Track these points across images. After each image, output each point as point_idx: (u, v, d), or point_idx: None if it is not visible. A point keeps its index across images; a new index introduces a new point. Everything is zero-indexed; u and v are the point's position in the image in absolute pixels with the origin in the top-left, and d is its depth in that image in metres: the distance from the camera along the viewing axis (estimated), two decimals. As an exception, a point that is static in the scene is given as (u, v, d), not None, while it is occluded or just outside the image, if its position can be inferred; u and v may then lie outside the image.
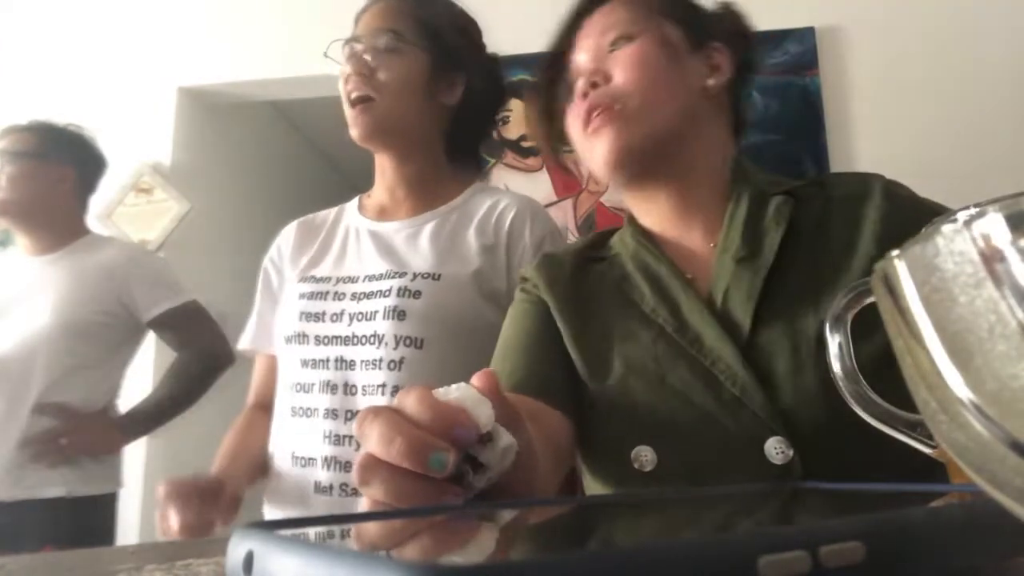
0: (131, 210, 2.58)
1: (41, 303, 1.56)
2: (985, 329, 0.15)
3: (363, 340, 0.94)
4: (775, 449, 0.60)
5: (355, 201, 1.12)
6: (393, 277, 0.96)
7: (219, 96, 2.75)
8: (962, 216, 0.16)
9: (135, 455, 2.37)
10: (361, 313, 0.95)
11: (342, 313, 0.96)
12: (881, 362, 0.41)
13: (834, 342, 0.41)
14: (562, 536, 0.30)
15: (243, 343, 1.13)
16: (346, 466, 0.91)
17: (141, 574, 0.35)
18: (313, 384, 0.95)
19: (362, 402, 0.92)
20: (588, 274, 0.76)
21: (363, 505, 0.34)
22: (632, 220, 0.79)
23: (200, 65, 2.66)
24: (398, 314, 0.93)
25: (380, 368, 0.92)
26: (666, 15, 0.76)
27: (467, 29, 1.07)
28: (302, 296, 1.00)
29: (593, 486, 0.72)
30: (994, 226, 0.15)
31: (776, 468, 0.59)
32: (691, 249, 0.74)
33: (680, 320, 0.67)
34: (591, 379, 0.69)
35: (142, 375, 2.40)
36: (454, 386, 0.36)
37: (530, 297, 0.77)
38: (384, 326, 0.93)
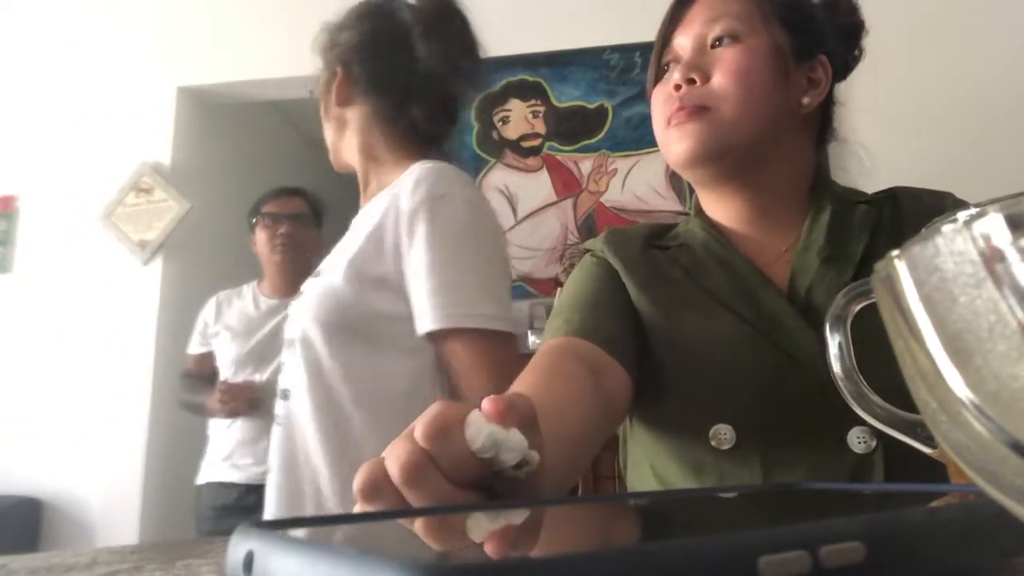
0: (131, 210, 2.58)
1: None
2: (985, 329, 0.15)
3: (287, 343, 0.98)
4: (858, 438, 0.61)
5: None
6: None
7: (219, 96, 2.75)
8: (962, 216, 0.16)
9: (133, 455, 2.37)
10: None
11: None
12: None
13: (834, 342, 0.41)
14: (563, 536, 0.30)
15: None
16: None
17: (141, 574, 0.35)
18: None
19: (280, 406, 0.95)
20: (656, 257, 0.75)
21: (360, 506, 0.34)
22: (700, 211, 0.78)
23: (200, 65, 2.66)
24: (287, 316, 0.98)
25: (286, 371, 0.95)
26: (780, 17, 0.71)
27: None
28: None
29: (657, 460, 0.71)
30: (994, 226, 0.15)
31: (856, 457, 0.61)
32: (760, 247, 0.73)
33: (758, 309, 0.67)
34: (666, 351, 0.69)
35: (143, 375, 2.40)
36: (482, 426, 0.33)
37: (597, 261, 0.76)
38: (288, 329, 0.97)
